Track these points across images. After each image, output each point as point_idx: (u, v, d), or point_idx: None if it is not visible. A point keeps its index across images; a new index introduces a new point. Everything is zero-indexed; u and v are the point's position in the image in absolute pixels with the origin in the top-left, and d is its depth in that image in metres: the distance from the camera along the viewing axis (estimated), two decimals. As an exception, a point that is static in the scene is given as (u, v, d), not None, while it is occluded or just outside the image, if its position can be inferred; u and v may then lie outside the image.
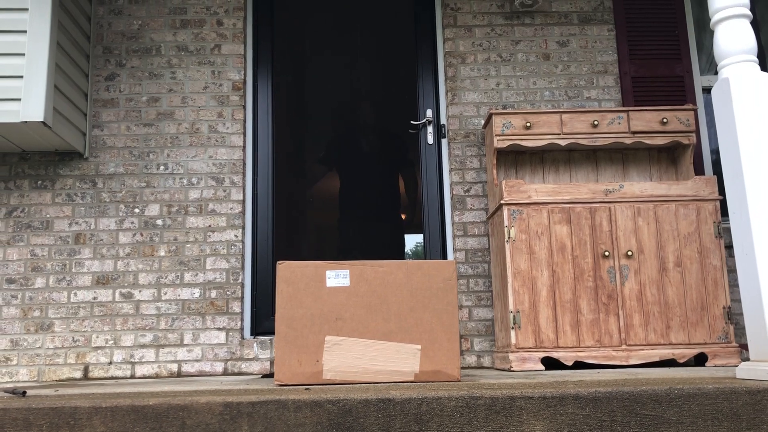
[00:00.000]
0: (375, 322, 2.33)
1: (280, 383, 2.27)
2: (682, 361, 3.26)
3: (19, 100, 3.46)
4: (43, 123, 3.47)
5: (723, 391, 1.74)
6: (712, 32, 4.23)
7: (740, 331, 3.70)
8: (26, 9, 3.53)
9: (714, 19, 2.21)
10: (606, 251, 3.35)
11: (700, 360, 3.35)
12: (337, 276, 2.36)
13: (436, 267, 2.40)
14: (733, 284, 3.75)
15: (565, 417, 1.71)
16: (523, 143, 3.62)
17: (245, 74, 4.16)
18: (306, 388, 2.03)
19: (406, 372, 2.30)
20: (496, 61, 4.15)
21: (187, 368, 3.75)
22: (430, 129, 4.07)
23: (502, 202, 3.41)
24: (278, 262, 2.38)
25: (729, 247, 3.70)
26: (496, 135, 3.62)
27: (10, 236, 3.87)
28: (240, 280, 3.87)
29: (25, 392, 2.09)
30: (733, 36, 2.15)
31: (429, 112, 4.03)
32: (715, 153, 4.15)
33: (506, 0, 4.21)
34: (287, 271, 2.37)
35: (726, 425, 1.71)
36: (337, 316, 2.32)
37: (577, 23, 4.21)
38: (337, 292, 2.35)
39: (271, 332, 3.89)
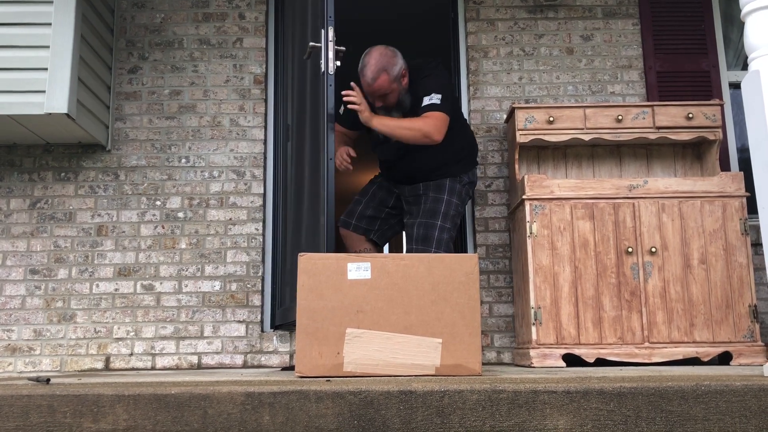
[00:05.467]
0: (396, 315, 2.31)
1: (300, 375, 2.27)
2: (705, 359, 3.22)
3: (44, 92, 3.49)
4: (67, 115, 3.49)
5: (751, 388, 1.71)
6: (739, 26, 4.16)
7: (766, 330, 3.64)
8: (51, 2, 3.56)
9: (744, 10, 2.17)
10: (629, 247, 3.31)
11: (724, 359, 3.30)
12: (359, 268, 2.35)
13: (458, 261, 2.38)
14: (759, 282, 3.69)
15: (589, 412, 1.68)
16: (546, 138, 3.59)
17: (266, 68, 4.16)
18: (327, 380, 2.02)
19: (427, 366, 2.29)
20: (519, 55, 4.12)
21: (207, 360, 3.77)
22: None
23: (524, 197, 3.38)
24: (299, 254, 2.37)
25: (755, 244, 3.64)
26: (519, 129, 3.58)
27: (34, 227, 3.91)
28: (260, 273, 3.87)
29: (49, 380, 2.10)
30: (763, 28, 2.11)
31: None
32: (742, 150, 4.09)
33: (529, -6, 4.18)
34: (308, 263, 2.36)
35: (754, 423, 1.68)
36: (358, 308, 2.31)
37: (601, 17, 4.16)
38: (358, 285, 2.33)
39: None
